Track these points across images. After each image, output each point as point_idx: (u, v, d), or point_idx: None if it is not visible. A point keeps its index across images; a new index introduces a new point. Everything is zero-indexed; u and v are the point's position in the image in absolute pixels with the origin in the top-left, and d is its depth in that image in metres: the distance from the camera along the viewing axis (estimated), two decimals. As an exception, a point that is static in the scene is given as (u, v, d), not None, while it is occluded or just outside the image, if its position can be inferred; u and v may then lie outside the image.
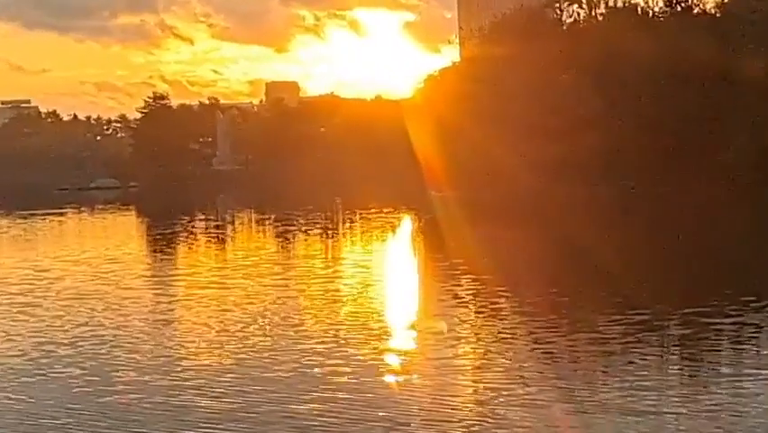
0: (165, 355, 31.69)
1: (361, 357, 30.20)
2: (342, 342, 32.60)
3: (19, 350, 33.08)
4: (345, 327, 35.62)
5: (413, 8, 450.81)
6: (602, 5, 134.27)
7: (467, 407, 24.62)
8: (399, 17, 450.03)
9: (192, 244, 79.27)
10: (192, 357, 31.25)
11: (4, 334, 36.15)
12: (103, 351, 32.67)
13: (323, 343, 32.43)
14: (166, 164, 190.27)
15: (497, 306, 39.07)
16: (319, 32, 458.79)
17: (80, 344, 33.99)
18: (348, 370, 28.53)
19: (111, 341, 34.42)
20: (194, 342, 33.80)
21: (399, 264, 61.39)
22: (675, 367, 29.18)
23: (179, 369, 29.22)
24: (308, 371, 28.36)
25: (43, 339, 34.83)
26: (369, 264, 58.23)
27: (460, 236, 67.86)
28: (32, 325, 38.16)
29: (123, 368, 29.66)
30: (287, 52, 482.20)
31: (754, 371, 27.18)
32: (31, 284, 51.26)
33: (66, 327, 37.50)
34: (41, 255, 69.34)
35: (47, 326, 37.82)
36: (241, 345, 32.52)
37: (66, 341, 34.58)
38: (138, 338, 34.68)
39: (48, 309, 41.98)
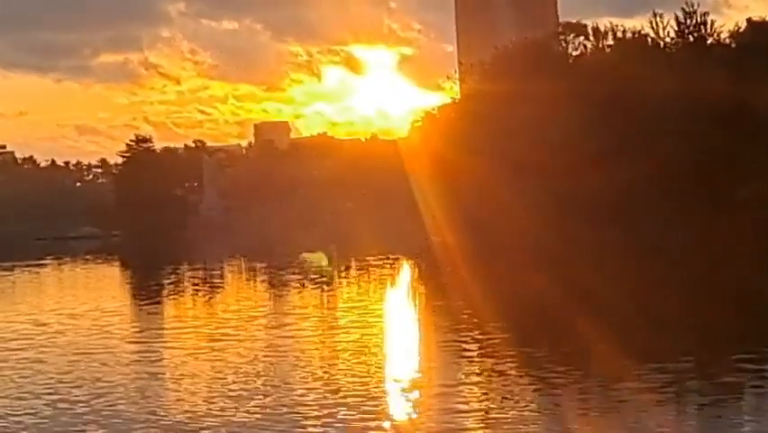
0: (186, 411, 32.04)
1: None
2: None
3: (32, 409, 33.39)
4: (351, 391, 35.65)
5: (411, 42, 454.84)
6: (610, 37, 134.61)
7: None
8: (397, 52, 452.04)
9: (186, 296, 79.97)
10: (216, 413, 31.50)
11: (13, 391, 36.55)
12: (121, 407, 33.14)
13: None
14: (150, 212, 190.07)
15: (503, 364, 38.96)
16: (312, 70, 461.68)
17: (95, 402, 34.14)
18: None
19: (128, 398, 34.82)
20: (214, 397, 34.09)
21: (399, 323, 61.06)
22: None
23: (204, 425, 29.77)
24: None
25: (56, 397, 35.05)
26: (368, 323, 57.72)
27: (462, 286, 67.92)
28: (42, 382, 38.51)
29: (143, 427, 30.11)
30: (278, 91, 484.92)
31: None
32: (31, 339, 51.87)
33: (77, 383, 37.77)
34: (35, 309, 69.86)
35: (57, 382, 38.08)
36: (262, 401, 32.87)
37: (81, 398, 34.79)
38: (156, 394, 35.21)
39: (55, 365, 42.37)
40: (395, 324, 57.88)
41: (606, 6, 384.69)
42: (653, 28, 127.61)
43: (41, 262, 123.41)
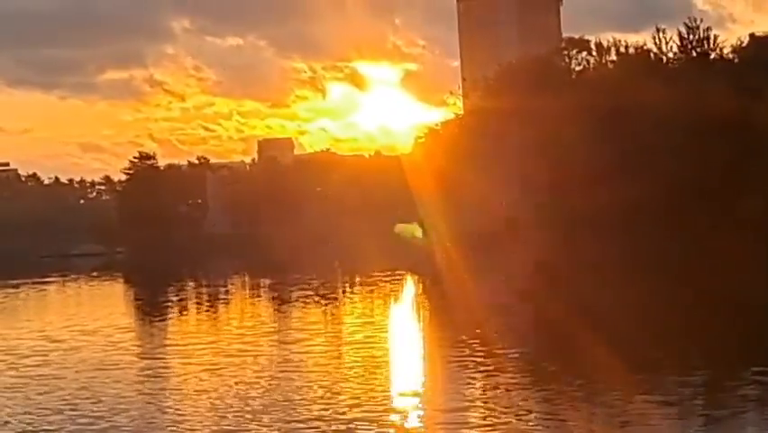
0: (207, 426, 32.53)
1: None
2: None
3: (56, 424, 33.80)
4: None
5: (416, 58, 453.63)
6: (613, 52, 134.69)
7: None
8: (401, 68, 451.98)
9: (197, 313, 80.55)
10: (235, 429, 31.98)
11: (33, 408, 36.83)
12: (141, 423, 33.65)
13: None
14: (153, 228, 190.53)
15: (502, 375, 39.59)
16: (316, 86, 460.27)
17: (116, 418, 34.64)
18: None
19: (148, 414, 35.27)
20: (233, 412, 34.47)
21: (407, 338, 61.29)
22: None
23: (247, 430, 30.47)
24: None
25: (77, 412, 35.49)
26: (379, 339, 58.25)
27: (464, 299, 68.29)
28: (61, 397, 38.85)
29: None
30: (282, 107, 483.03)
31: None
32: (46, 355, 52.17)
33: (96, 399, 38.25)
34: (47, 325, 69.99)
35: (76, 398, 38.50)
36: (280, 416, 33.28)
37: (102, 414, 35.26)
38: (175, 410, 35.56)
39: (73, 381, 42.74)
40: (404, 339, 58.32)
41: (609, 22, 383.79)
42: (655, 43, 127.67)
43: (47, 279, 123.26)
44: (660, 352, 41.80)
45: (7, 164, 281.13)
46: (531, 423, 30.99)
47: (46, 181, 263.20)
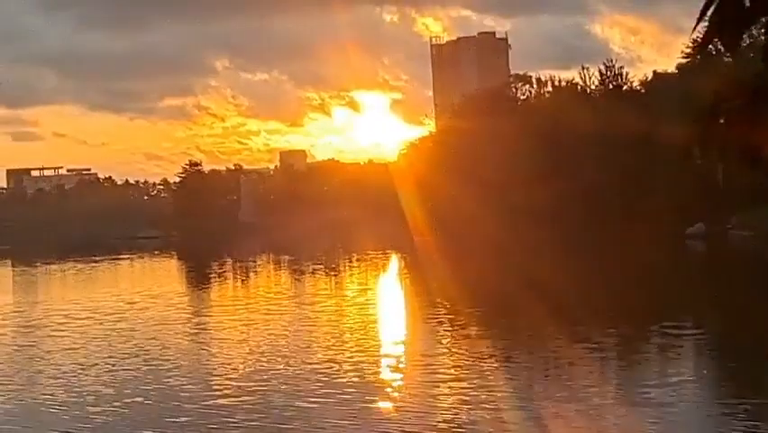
0: (249, 367, 32.36)
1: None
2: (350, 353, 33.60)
3: (133, 365, 33.94)
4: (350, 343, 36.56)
5: (400, 89, 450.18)
6: (549, 85, 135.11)
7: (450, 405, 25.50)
8: (388, 96, 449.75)
9: (236, 281, 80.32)
10: (270, 367, 31.90)
11: (115, 353, 36.82)
12: (198, 364, 33.74)
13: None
14: (200, 218, 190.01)
15: (469, 328, 39.74)
16: (324, 110, 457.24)
17: (179, 360, 34.77)
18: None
19: (203, 357, 35.57)
20: (269, 356, 34.33)
21: (388, 295, 62.05)
22: (612, 371, 30.04)
23: (263, 377, 30.11)
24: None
25: (149, 357, 35.63)
26: (376, 300, 58.73)
27: (437, 272, 68.41)
28: (135, 345, 38.99)
29: (218, 378, 30.60)
30: (298, 126, 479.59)
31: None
32: (123, 313, 52.11)
33: (164, 346, 38.40)
34: (122, 291, 69.60)
35: (148, 346, 38.53)
36: (304, 358, 33.28)
37: (168, 357, 35.42)
38: (224, 354, 35.58)
39: (145, 333, 42.76)
40: (392, 301, 58.34)
41: (546, 62, 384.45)
42: (581, 78, 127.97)
43: (119, 256, 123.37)
44: (588, 311, 42.04)
45: (89, 169, 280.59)
46: (494, 364, 31.08)
47: (119, 182, 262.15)
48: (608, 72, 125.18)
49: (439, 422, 23.00)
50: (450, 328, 39.99)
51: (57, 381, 31.40)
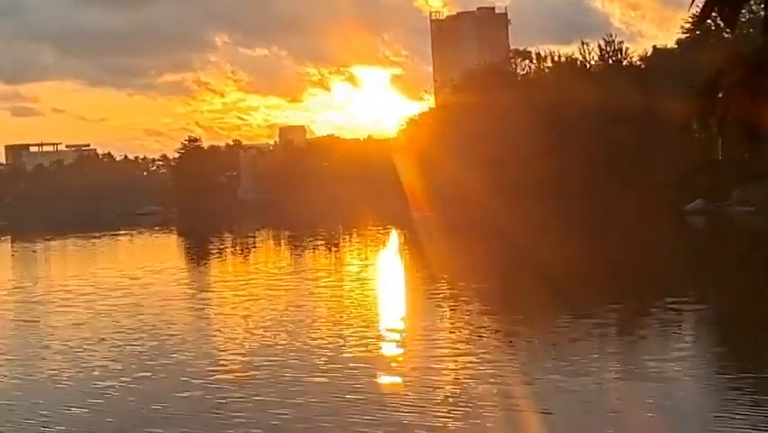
0: (255, 341, 32.54)
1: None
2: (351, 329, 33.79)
3: (142, 341, 33.93)
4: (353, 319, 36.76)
5: (400, 64, 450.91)
6: (549, 60, 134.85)
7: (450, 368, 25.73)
8: (388, 72, 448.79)
9: (239, 257, 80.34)
10: (275, 342, 32.08)
11: (123, 328, 36.88)
12: (206, 338, 34.03)
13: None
14: (199, 194, 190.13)
15: (471, 303, 39.86)
16: (324, 85, 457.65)
17: (187, 335, 34.92)
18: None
19: (210, 332, 35.80)
20: (274, 330, 34.39)
21: (389, 270, 62.13)
22: (612, 344, 30.23)
23: (270, 351, 30.37)
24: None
25: (156, 331, 35.79)
26: (377, 276, 58.88)
27: (436, 247, 68.55)
28: (141, 320, 39.09)
29: (224, 352, 30.75)
30: (297, 102, 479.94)
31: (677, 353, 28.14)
32: (127, 289, 52.08)
33: (171, 322, 38.49)
34: (126, 267, 69.43)
35: (155, 321, 38.69)
36: (310, 334, 33.35)
37: (176, 332, 35.50)
38: (231, 329, 35.63)
39: (151, 309, 42.83)
40: (393, 276, 58.39)
41: (545, 37, 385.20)
42: (581, 53, 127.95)
43: (119, 232, 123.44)
44: (590, 286, 42.32)
45: (88, 145, 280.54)
46: (498, 339, 31.23)
47: (118, 158, 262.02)
48: (608, 47, 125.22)
49: (446, 396, 23.20)
50: (452, 303, 40.14)
51: (64, 356, 31.57)
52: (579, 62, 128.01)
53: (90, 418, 23.05)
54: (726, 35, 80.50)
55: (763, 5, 4.51)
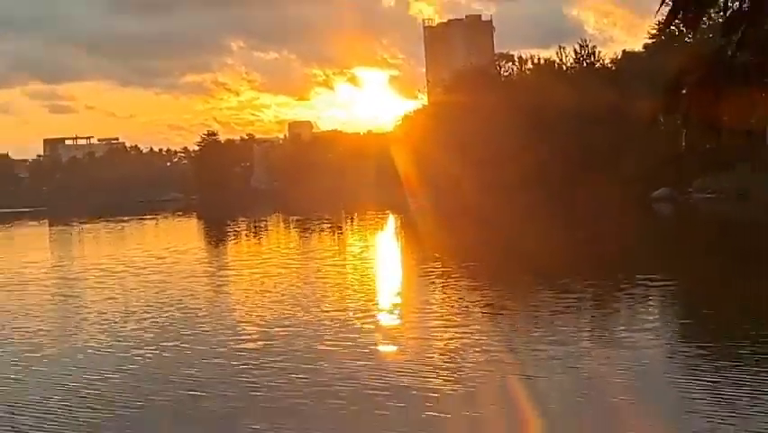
0: (273, 314, 32.29)
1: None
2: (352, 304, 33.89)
3: (171, 314, 33.84)
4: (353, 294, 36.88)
5: (396, 66, 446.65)
6: (529, 63, 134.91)
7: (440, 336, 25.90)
8: (387, 73, 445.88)
9: (254, 239, 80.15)
10: (292, 314, 32.02)
11: (152, 303, 36.84)
12: (228, 312, 33.75)
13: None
14: (217, 183, 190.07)
15: (463, 280, 39.96)
16: (328, 85, 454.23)
17: (210, 309, 34.90)
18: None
19: (231, 306, 35.58)
20: (290, 304, 34.32)
21: (388, 251, 62.34)
22: (585, 318, 30.36)
23: (286, 323, 30.29)
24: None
25: (180, 306, 35.65)
26: (368, 251, 59.30)
27: (431, 231, 68.78)
28: (169, 295, 39.07)
29: (246, 324, 30.71)
30: (304, 100, 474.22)
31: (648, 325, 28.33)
32: (155, 267, 51.99)
33: (195, 297, 38.42)
34: (152, 248, 69.18)
35: (181, 296, 38.52)
36: (321, 308, 33.19)
37: (200, 307, 35.48)
38: (251, 303, 35.40)
39: (178, 285, 42.81)
40: (391, 256, 58.60)
41: (527, 41, 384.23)
42: (558, 57, 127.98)
43: (145, 217, 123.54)
44: (568, 265, 42.29)
45: (117, 139, 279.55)
46: (488, 312, 31.29)
47: (144, 150, 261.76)
48: (583, 51, 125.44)
49: (445, 361, 23.41)
50: (444, 280, 40.23)
51: (101, 327, 31.68)
52: (556, 65, 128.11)
53: (125, 382, 23.16)
54: (689, 39, 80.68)
55: (720, 12, 4.62)
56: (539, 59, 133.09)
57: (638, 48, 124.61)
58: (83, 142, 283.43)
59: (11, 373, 24.89)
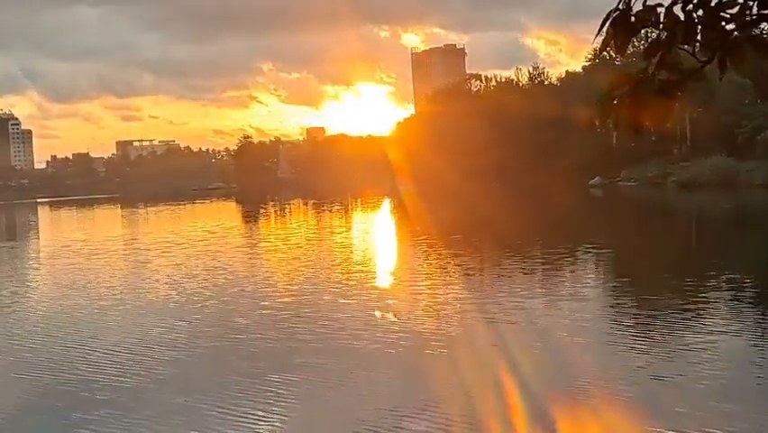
0: (302, 275, 31.81)
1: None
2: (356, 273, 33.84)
3: (221, 274, 33.75)
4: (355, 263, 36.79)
5: (392, 83, 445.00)
6: (493, 81, 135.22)
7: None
8: (384, 89, 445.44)
9: (281, 217, 79.52)
10: (316, 275, 31.97)
11: (208, 266, 36.56)
12: (263, 277, 33.05)
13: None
14: (252, 175, 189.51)
15: (448, 248, 39.68)
16: (338, 98, 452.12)
17: (250, 271, 34.61)
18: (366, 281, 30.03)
19: (265, 269, 35.42)
20: (314, 268, 34.30)
21: (385, 226, 62.27)
22: (537, 280, 30.46)
23: (321, 278, 30.35)
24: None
25: (231, 270, 35.28)
26: (371, 226, 59.38)
27: (416, 208, 68.47)
28: (222, 261, 38.64)
29: (281, 281, 30.63)
30: (319, 110, 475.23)
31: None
32: (208, 240, 51.24)
33: (240, 261, 38.33)
34: (205, 224, 68.01)
35: (228, 261, 38.29)
36: (339, 272, 32.79)
37: (245, 270, 35.18)
38: (280, 270, 34.90)
39: (227, 254, 42.28)
40: (389, 233, 58.24)
41: (491, 64, 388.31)
42: (516, 76, 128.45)
43: (196, 201, 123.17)
44: (528, 236, 42.60)
45: (174, 141, 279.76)
46: (471, 274, 31.32)
47: (194, 150, 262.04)
48: (535, 72, 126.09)
49: (438, 311, 23.53)
50: (428, 249, 39.91)
51: (170, 285, 31.74)
52: (514, 82, 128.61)
53: (191, 329, 23.22)
54: (618, 62, 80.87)
55: (643, 41, 4.82)
56: (501, 78, 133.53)
57: (578, 69, 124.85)
58: (147, 143, 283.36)
59: (100, 321, 24.89)
